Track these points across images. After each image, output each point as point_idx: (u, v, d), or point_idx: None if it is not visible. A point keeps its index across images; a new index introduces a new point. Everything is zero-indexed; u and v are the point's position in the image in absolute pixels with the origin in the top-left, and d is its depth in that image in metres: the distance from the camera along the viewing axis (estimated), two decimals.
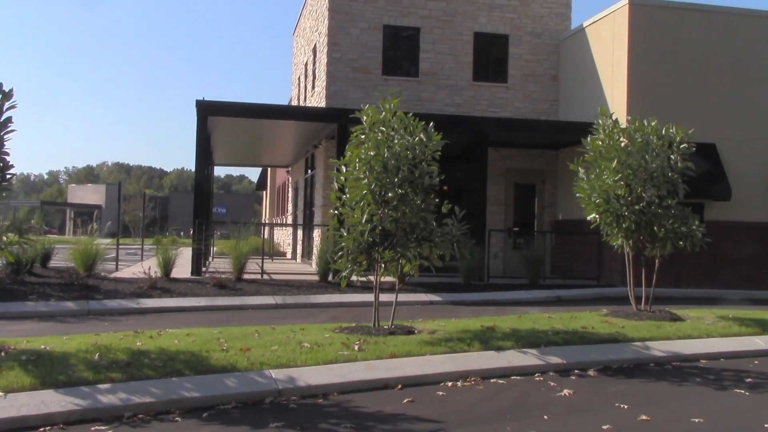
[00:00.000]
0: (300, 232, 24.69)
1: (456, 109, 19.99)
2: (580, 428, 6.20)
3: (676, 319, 11.17)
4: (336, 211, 9.82)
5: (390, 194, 9.12)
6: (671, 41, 17.55)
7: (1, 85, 7.38)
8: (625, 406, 6.78)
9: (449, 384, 7.51)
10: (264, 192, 48.02)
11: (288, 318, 11.43)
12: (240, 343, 8.17)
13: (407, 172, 9.21)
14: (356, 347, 8.18)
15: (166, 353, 7.54)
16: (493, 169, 19.81)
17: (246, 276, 15.36)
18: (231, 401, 6.61)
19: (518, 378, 7.93)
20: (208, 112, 16.71)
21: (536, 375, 8.07)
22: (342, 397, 6.97)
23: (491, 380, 7.77)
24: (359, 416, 6.31)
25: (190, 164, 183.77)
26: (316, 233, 19.72)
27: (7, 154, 7.53)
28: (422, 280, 14.82)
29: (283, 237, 31.19)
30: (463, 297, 14.56)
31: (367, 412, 6.43)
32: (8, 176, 7.67)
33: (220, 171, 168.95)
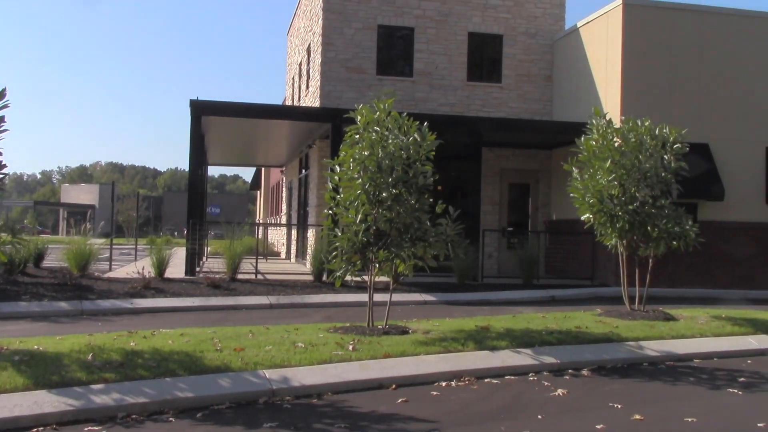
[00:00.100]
0: (294, 232, 24.68)
1: (450, 109, 19.99)
2: (574, 428, 6.21)
3: (669, 319, 11.20)
4: (330, 211, 9.82)
5: (384, 194, 9.12)
6: (665, 42, 17.59)
7: None
8: (619, 406, 6.79)
9: (443, 384, 7.51)
10: (258, 192, 47.95)
11: (282, 318, 11.42)
12: (234, 343, 8.15)
13: (401, 172, 9.21)
14: (350, 347, 8.18)
15: (159, 353, 7.52)
16: (488, 169, 19.86)
17: (240, 276, 15.34)
18: (225, 401, 6.60)
19: (512, 378, 7.94)
20: (202, 111, 16.71)
21: (530, 375, 8.08)
22: (336, 397, 6.97)
23: (485, 380, 7.78)
24: (353, 416, 6.31)
25: (183, 164, 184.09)
26: (311, 233, 19.71)
27: (0, 153, 7.50)
28: (417, 280, 14.82)
29: (277, 237, 31.16)
30: (457, 297, 14.57)
31: (361, 412, 6.43)
32: (1, 176, 7.64)
33: (214, 171, 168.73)
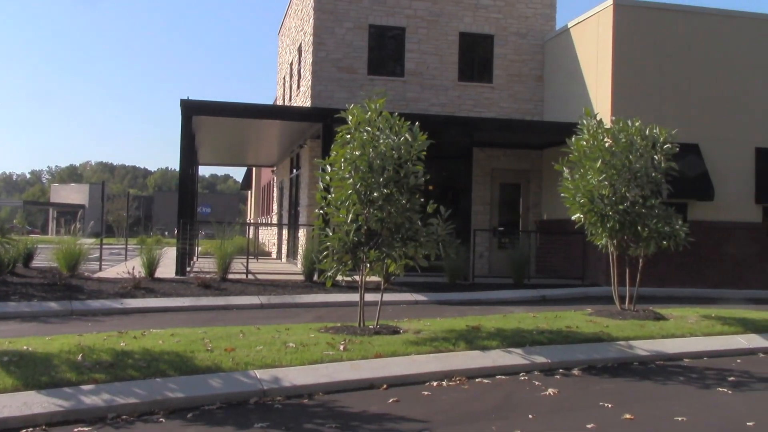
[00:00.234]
0: (285, 232, 24.64)
1: (441, 109, 20.01)
2: (565, 427, 6.22)
3: (659, 319, 11.24)
4: (321, 211, 9.80)
5: (375, 194, 9.12)
6: (655, 42, 17.66)
7: None
8: (610, 405, 6.81)
9: (434, 384, 7.52)
10: (249, 192, 47.88)
11: (273, 318, 11.40)
12: (225, 344, 8.13)
13: (392, 172, 9.21)
14: (341, 347, 8.17)
15: (150, 354, 7.49)
16: (479, 169, 19.88)
17: (231, 276, 15.30)
18: (216, 402, 6.58)
19: (503, 377, 7.95)
20: (192, 111, 16.66)
21: (521, 374, 8.10)
22: (327, 397, 6.96)
23: (476, 380, 7.79)
24: (344, 416, 6.30)
25: (174, 164, 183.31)
26: (302, 233, 19.68)
27: None
28: (408, 280, 14.83)
29: (268, 237, 31.11)
30: (448, 296, 14.58)
31: (352, 412, 6.42)
32: None
33: (204, 170, 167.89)
